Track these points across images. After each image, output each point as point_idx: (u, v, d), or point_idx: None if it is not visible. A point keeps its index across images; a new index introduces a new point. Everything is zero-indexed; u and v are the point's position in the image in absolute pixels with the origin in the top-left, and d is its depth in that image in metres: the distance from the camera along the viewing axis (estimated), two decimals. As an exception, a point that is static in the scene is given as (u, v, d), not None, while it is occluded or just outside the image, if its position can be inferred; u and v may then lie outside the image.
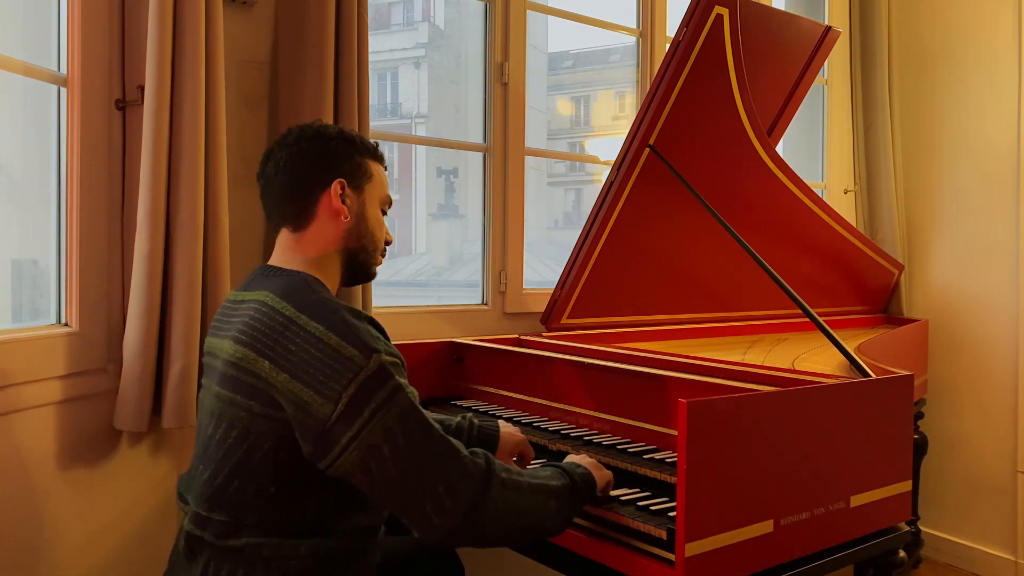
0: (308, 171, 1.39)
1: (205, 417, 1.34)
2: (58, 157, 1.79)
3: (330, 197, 1.38)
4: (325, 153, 1.40)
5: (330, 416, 1.18)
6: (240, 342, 1.27)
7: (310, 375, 1.19)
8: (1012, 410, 3.18)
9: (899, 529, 1.60)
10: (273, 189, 1.41)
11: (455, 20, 4.19)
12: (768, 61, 2.69)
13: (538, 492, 1.29)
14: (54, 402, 1.71)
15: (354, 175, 1.42)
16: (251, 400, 1.24)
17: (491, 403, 2.12)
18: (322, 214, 1.39)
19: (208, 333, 1.43)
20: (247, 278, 1.44)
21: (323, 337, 1.21)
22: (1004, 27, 3.20)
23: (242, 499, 1.26)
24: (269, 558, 1.24)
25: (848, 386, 1.54)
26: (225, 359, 1.29)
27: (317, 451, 1.20)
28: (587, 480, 1.38)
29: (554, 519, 1.32)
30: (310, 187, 1.38)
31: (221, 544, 1.26)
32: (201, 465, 1.32)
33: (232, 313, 1.37)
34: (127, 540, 1.88)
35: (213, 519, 1.28)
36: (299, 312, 1.25)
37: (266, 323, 1.26)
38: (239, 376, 1.25)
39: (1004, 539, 3.20)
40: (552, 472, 1.36)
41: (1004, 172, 3.21)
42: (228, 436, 1.27)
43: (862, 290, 3.22)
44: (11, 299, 1.80)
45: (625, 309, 2.55)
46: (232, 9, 2.04)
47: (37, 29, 1.83)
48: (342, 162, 1.40)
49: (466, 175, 3.02)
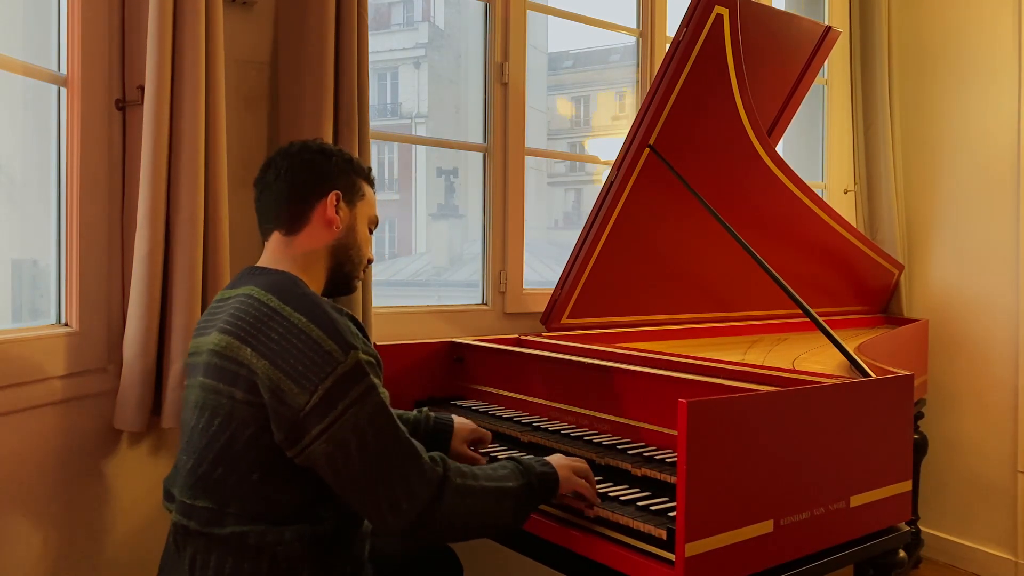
0: (308, 179, 1.46)
1: (188, 411, 1.38)
2: (58, 157, 1.79)
3: (325, 206, 1.46)
4: (326, 166, 1.48)
5: (304, 406, 1.22)
6: (224, 331, 1.32)
7: (289, 364, 1.24)
8: (1012, 410, 3.18)
9: (899, 529, 1.60)
10: (271, 194, 1.47)
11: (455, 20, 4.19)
12: (768, 61, 2.69)
13: (493, 495, 1.33)
14: (54, 402, 1.71)
15: (349, 191, 1.50)
16: (233, 387, 1.28)
17: (491, 403, 2.12)
18: (316, 221, 1.46)
19: (193, 335, 1.47)
20: (234, 278, 1.48)
21: (305, 328, 1.26)
22: (1004, 27, 3.20)
23: (225, 486, 1.29)
24: (255, 546, 1.26)
25: (848, 386, 1.54)
26: (210, 349, 1.33)
27: (287, 439, 1.24)
28: (545, 480, 1.41)
29: (510, 518, 1.37)
30: (308, 194, 1.46)
31: (207, 532, 1.28)
32: (184, 456, 1.36)
33: (217, 311, 1.41)
34: (127, 540, 1.88)
35: (197, 506, 1.30)
36: (283, 304, 1.30)
37: (251, 313, 1.31)
38: (222, 364, 1.30)
39: (1004, 539, 3.20)
40: (511, 471, 1.39)
41: (1004, 172, 3.21)
42: (211, 424, 1.30)
43: (862, 290, 3.22)
44: (11, 299, 1.81)
45: (625, 309, 2.55)
46: (232, 9, 2.04)
47: (37, 29, 1.83)
48: (340, 177, 1.49)
49: (466, 175, 3.02)
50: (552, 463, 1.44)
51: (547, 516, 1.50)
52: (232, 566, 1.27)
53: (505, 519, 1.36)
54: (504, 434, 1.87)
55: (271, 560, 1.27)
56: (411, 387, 2.18)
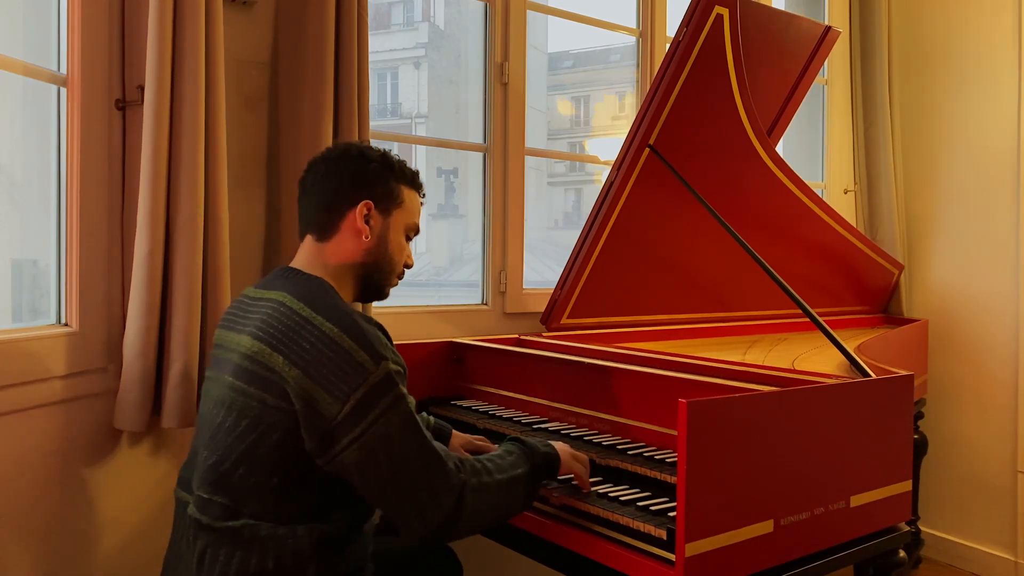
0: (341, 186, 1.46)
1: (212, 405, 1.38)
2: (58, 157, 1.79)
3: (355, 215, 1.45)
4: (362, 173, 1.47)
5: (336, 416, 1.25)
6: (257, 337, 1.33)
7: (322, 374, 1.26)
8: (1012, 410, 3.18)
9: (899, 529, 1.60)
10: (308, 197, 1.49)
11: (455, 20, 4.19)
12: (768, 61, 2.69)
13: (507, 487, 1.38)
14: (54, 402, 1.71)
15: (384, 199, 1.48)
16: (265, 392, 1.29)
17: (491, 403, 2.12)
18: (345, 229, 1.46)
19: (219, 326, 1.49)
20: (266, 277, 1.49)
21: (336, 339, 1.28)
22: (1004, 27, 3.20)
23: (244, 486, 1.31)
24: (266, 538, 1.28)
25: (848, 386, 1.54)
26: (242, 352, 1.34)
27: (319, 447, 1.27)
28: (549, 460, 1.46)
29: (521, 503, 1.42)
30: (339, 202, 1.46)
31: (219, 526, 1.30)
32: (206, 451, 1.36)
33: (248, 309, 1.42)
34: (127, 540, 1.88)
35: (215, 501, 1.32)
36: (315, 313, 1.32)
37: (283, 321, 1.32)
38: (254, 369, 1.31)
39: (1004, 539, 3.20)
40: (518, 456, 1.43)
41: (1004, 172, 3.21)
42: (238, 425, 1.31)
43: (862, 290, 3.22)
44: (11, 299, 1.80)
45: (625, 309, 2.55)
46: (232, 9, 2.04)
47: (37, 29, 1.83)
48: (375, 185, 1.47)
49: (466, 175, 3.02)
50: (553, 445, 1.49)
51: (547, 516, 1.50)
52: (240, 560, 1.28)
53: (517, 505, 1.41)
54: (504, 434, 1.87)
55: (277, 556, 1.28)
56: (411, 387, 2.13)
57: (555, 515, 1.49)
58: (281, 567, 1.28)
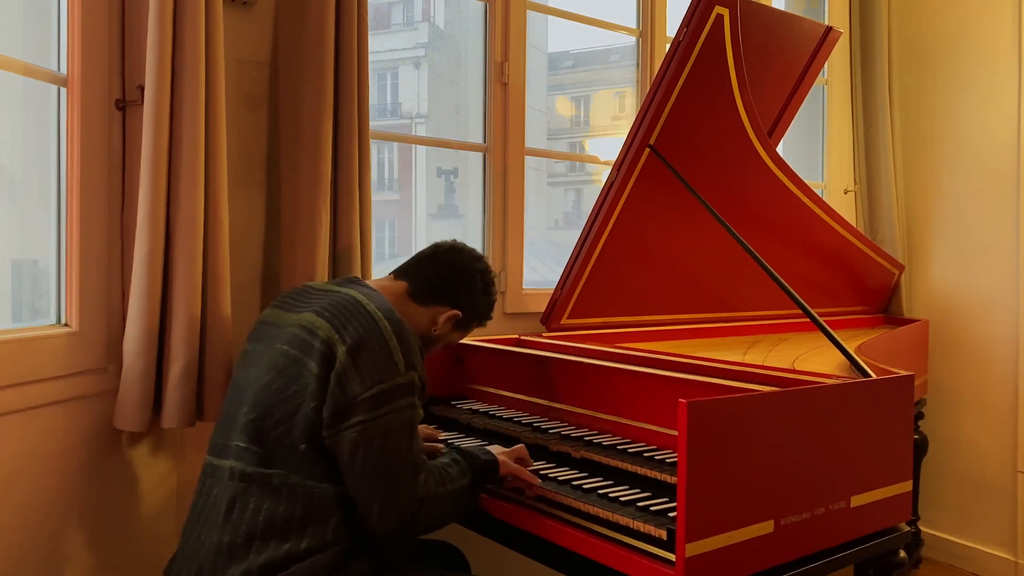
0: (457, 290, 1.72)
1: (261, 371, 1.50)
2: (58, 157, 1.79)
3: (444, 313, 1.71)
4: (474, 295, 1.74)
5: (357, 396, 1.40)
6: (319, 314, 1.50)
7: (362, 359, 1.42)
8: (1012, 410, 3.18)
9: (899, 529, 1.60)
10: (432, 264, 1.73)
11: (455, 20, 4.19)
12: (768, 61, 2.69)
13: (455, 497, 1.51)
14: (54, 402, 1.70)
15: (466, 323, 1.76)
16: (313, 360, 1.44)
17: (491, 403, 2.12)
18: (430, 310, 1.70)
19: (272, 306, 1.64)
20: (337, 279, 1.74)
21: (386, 335, 1.46)
22: (1004, 27, 3.20)
23: (279, 445, 1.43)
24: (295, 487, 1.40)
25: (848, 386, 1.54)
26: (302, 324, 1.50)
27: (331, 419, 1.41)
28: (488, 468, 1.57)
29: (463, 510, 1.56)
30: (446, 296, 1.71)
31: (252, 471, 1.42)
32: (247, 408, 1.48)
33: (311, 296, 1.58)
34: (127, 540, 1.88)
35: (251, 450, 1.44)
36: (377, 310, 1.49)
37: (349, 308, 1.50)
38: (309, 340, 1.46)
39: (1004, 539, 3.20)
40: (462, 468, 1.55)
41: (1004, 171, 3.21)
42: (287, 389, 1.45)
43: (862, 290, 3.21)
44: (11, 299, 1.80)
45: (625, 309, 2.55)
46: (232, 9, 2.04)
47: (37, 29, 1.83)
48: (473, 311, 1.75)
49: (466, 175, 3.02)
50: (491, 451, 1.61)
51: (548, 516, 1.50)
52: (268, 508, 1.39)
53: (458, 514, 1.55)
54: (504, 434, 1.87)
55: (305, 505, 1.39)
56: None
57: (555, 515, 1.49)
58: (307, 517, 1.39)
